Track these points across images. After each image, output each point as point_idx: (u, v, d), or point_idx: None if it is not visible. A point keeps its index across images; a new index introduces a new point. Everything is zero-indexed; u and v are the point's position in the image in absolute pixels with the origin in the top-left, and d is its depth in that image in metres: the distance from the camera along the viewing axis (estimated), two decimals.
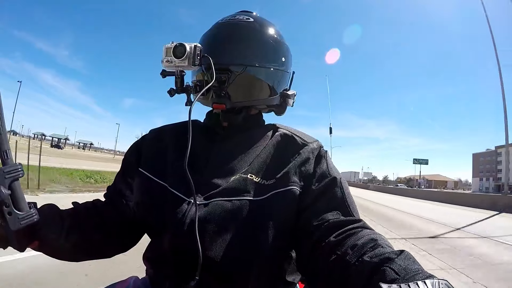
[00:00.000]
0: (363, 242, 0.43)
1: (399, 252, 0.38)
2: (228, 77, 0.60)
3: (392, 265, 0.36)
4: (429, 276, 0.33)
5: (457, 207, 13.91)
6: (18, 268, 2.66)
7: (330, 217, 0.51)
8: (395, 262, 0.36)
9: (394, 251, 0.40)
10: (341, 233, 0.47)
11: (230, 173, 0.58)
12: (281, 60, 0.66)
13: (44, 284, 2.39)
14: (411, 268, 0.35)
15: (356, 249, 0.42)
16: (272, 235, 0.53)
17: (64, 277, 2.51)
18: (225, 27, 0.65)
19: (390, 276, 0.34)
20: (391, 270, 0.35)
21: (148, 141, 0.68)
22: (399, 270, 0.35)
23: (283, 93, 0.68)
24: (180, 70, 0.56)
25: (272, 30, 0.67)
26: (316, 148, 0.62)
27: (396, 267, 0.35)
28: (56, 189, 8.62)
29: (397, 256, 0.37)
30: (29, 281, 2.42)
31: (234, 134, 0.64)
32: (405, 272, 0.34)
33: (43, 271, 2.56)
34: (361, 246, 0.42)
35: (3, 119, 0.43)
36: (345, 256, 0.42)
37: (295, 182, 0.56)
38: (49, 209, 0.56)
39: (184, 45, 0.54)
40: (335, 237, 0.47)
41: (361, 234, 0.46)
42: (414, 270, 0.35)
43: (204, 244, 0.51)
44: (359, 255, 0.41)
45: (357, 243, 0.43)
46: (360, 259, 0.40)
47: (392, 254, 0.38)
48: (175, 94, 0.58)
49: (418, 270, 0.35)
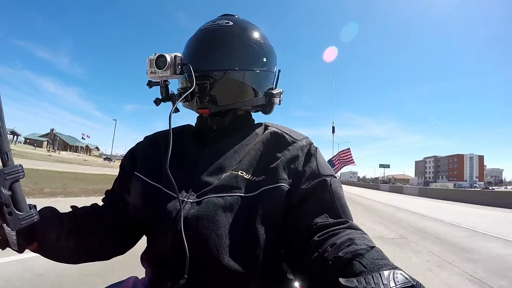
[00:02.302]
0: (341, 241, 0.45)
1: (370, 248, 0.42)
2: (209, 82, 0.61)
3: (361, 259, 0.39)
4: (392, 268, 0.36)
5: (399, 194, 26.34)
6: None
7: (318, 220, 0.53)
8: (364, 256, 0.40)
9: (365, 247, 0.42)
10: (324, 233, 0.49)
11: (221, 171, 0.59)
12: (262, 61, 0.67)
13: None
14: (379, 262, 0.38)
15: (335, 247, 0.44)
16: (264, 231, 0.54)
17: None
18: (205, 33, 0.67)
19: (359, 269, 0.38)
20: (360, 264, 0.38)
21: (143, 147, 0.71)
22: (366, 264, 0.38)
23: (268, 92, 0.69)
24: (163, 80, 0.60)
25: (252, 32, 0.68)
26: (306, 145, 0.63)
27: (364, 261, 0.39)
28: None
29: (367, 252, 0.40)
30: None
31: (224, 135, 0.66)
32: (371, 265, 0.37)
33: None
34: (339, 244, 0.44)
35: (3, 121, 0.44)
36: (324, 253, 0.45)
37: (284, 179, 0.57)
38: (49, 211, 0.57)
39: (165, 56, 0.57)
40: (319, 236, 0.49)
41: (342, 234, 0.48)
42: (381, 264, 0.37)
43: (196, 241, 0.52)
44: (336, 252, 0.43)
45: (336, 242, 0.45)
46: (336, 256, 0.43)
47: (363, 250, 0.41)
48: (161, 102, 0.61)
49: (384, 263, 0.38)
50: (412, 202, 15.47)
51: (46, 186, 8.44)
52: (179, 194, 0.55)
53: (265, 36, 0.71)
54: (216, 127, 0.67)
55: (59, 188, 8.62)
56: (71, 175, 14.04)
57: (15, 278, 2.53)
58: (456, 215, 9.46)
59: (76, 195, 8.12)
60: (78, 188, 9.31)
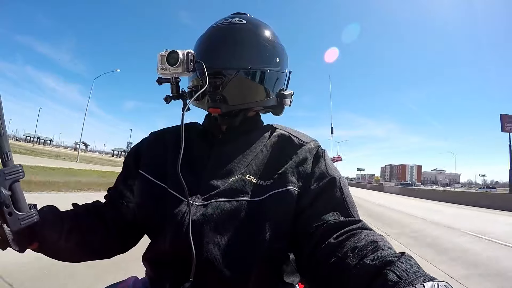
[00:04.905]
0: (363, 245, 0.42)
1: (400, 255, 0.38)
2: (222, 81, 0.60)
3: (393, 268, 0.35)
4: (430, 279, 0.33)
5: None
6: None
7: (330, 218, 0.51)
8: (396, 265, 0.36)
9: (395, 253, 0.39)
10: (340, 234, 0.47)
11: (228, 175, 0.58)
12: (275, 61, 0.66)
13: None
14: (413, 270, 0.35)
15: (357, 252, 0.42)
16: (270, 236, 0.53)
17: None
18: (218, 31, 0.65)
19: (392, 279, 0.34)
20: (393, 274, 0.35)
21: (148, 144, 0.69)
22: (401, 274, 0.34)
23: (280, 93, 0.68)
24: (174, 76, 0.57)
25: (265, 31, 0.67)
26: (314, 147, 0.62)
27: (397, 270, 0.35)
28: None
29: (398, 259, 0.37)
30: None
31: (232, 137, 0.65)
32: (406, 275, 0.34)
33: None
34: (362, 249, 0.42)
35: (4, 121, 0.44)
36: (345, 258, 0.42)
37: (293, 183, 0.56)
38: (49, 210, 0.56)
39: (177, 52, 0.55)
40: (335, 238, 0.47)
41: (361, 236, 0.45)
42: (416, 273, 0.34)
43: (202, 244, 0.51)
44: (360, 258, 0.40)
45: (357, 245, 0.43)
46: (361, 262, 0.40)
47: (393, 256, 0.38)
48: (171, 100, 0.59)
49: (420, 272, 0.35)
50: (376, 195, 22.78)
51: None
52: (184, 196, 0.54)
53: (277, 36, 0.69)
54: (225, 128, 0.66)
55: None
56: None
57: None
58: (401, 204, 14.64)
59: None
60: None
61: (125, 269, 1.89)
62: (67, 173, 12.20)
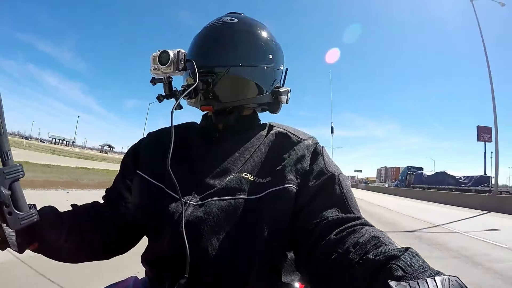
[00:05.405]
0: (365, 240, 0.42)
1: (404, 249, 0.37)
2: (213, 78, 0.60)
3: (398, 262, 0.35)
4: (436, 273, 0.32)
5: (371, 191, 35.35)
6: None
7: (329, 214, 0.50)
8: (401, 259, 0.35)
9: (399, 248, 0.39)
10: (341, 230, 0.46)
11: (225, 173, 0.58)
12: (267, 57, 0.66)
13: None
14: (418, 264, 0.34)
15: (359, 247, 0.41)
16: (268, 234, 0.52)
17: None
18: (210, 30, 0.66)
19: (397, 273, 0.34)
20: (398, 268, 0.34)
21: (146, 144, 0.69)
22: (405, 267, 0.34)
23: (275, 90, 0.67)
24: (167, 76, 0.59)
25: (257, 28, 0.67)
26: (312, 144, 0.62)
27: (402, 264, 0.34)
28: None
29: (402, 253, 0.36)
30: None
31: (229, 135, 0.65)
32: (412, 269, 0.34)
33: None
34: (364, 244, 0.41)
35: (4, 120, 0.44)
36: (347, 254, 0.41)
37: (291, 180, 0.56)
38: (49, 210, 0.57)
39: (168, 52, 0.57)
40: (336, 234, 0.46)
41: (363, 232, 0.44)
42: (421, 267, 0.34)
43: (199, 243, 0.51)
44: (363, 253, 0.40)
45: (359, 241, 0.42)
46: (364, 257, 0.39)
47: (397, 251, 0.37)
48: (164, 99, 0.60)
49: (425, 267, 0.34)
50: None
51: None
52: (182, 195, 0.54)
53: (272, 34, 0.70)
54: (222, 126, 0.66)
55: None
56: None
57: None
58: (390, 203, 16.22)
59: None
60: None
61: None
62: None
